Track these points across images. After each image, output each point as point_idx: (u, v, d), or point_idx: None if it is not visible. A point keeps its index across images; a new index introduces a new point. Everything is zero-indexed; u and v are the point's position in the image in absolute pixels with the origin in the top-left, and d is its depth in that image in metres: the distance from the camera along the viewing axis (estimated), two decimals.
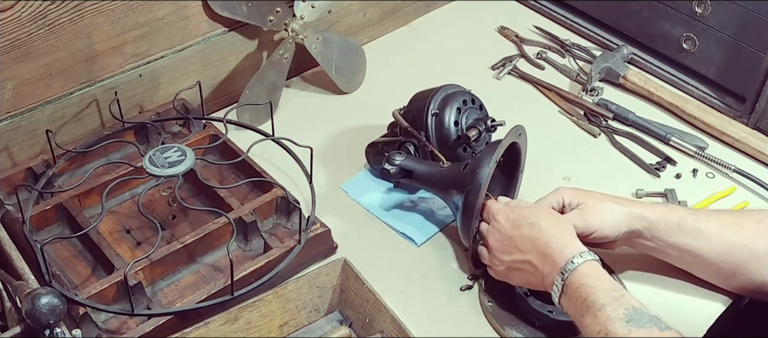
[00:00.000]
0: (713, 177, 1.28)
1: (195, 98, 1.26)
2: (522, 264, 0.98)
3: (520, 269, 0.99)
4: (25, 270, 0.98)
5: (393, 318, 0.96)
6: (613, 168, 1.29)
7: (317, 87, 1.45)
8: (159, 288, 1.05)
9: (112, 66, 1.22)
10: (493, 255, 1.02)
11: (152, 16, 1.22)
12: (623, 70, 1.44)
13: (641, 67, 1.48)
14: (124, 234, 1.12)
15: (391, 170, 1.14)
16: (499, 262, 1.01)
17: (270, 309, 0.99)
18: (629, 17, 1.51)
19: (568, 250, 0.93)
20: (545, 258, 0.95)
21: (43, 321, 0.86)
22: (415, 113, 1.20)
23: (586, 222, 1.01)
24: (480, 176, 1.03)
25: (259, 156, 1.22)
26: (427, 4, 1.63)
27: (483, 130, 1.18)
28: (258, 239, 1.10)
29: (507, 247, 1.00)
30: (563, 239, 0.96)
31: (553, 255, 0.94)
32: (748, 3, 1.32)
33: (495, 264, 1.02)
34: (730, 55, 1.38)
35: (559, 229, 0.97)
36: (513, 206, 1.03)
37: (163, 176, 1.04)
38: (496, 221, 1.01)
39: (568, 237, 0.96)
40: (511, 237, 0.99)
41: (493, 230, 1.02)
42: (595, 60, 1.46)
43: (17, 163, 1.18)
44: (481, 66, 1.51)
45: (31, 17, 1.09)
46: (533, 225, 0.98)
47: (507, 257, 1.00)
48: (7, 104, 1.13)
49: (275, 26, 1.31)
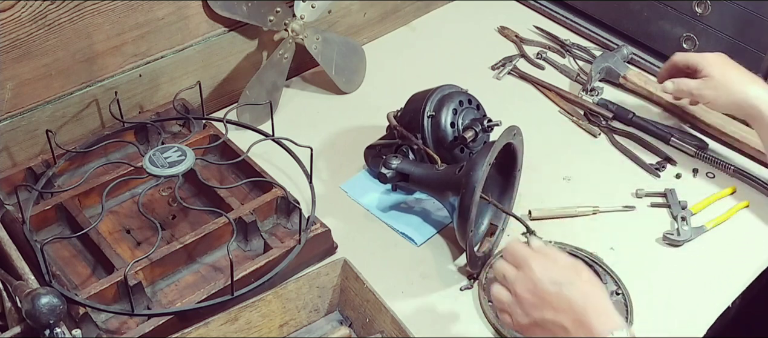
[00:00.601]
0: (713, 177, 1.28)
1: (195, 98, 1.27)
2: (552, 325, 0.88)
3: (549, 329, 0.89)
4: (25, 270, 0.98)
5: (393, 318, 0.96)
6: (613, 168, 1.29)
7: (317, 87, 1.45)
8: (159, 288, 1.05)
9: (112, 66, 1.22)
10: (519, 306, 0.91)
11: (152, 16, 1.22)
12: (623, 70, 1.44)
13: (641, 67, 1.48)
14: (124, 234, 1.12)
15: (387, 174, 1.14)
16: (525, 315, 0.90)
17: (270, 309, 1.00)
18: (629, 17, 1.51)
19: (608, 322, 0.86)
20: (581, 325, 0.86)
21: (43, 321, 0.86)
22: (412, 114, 1.20)
23: (701, 94, 1.22)
24: (474, 179, 1.03)
25: (259, 156, 1.22)
26: (427, 4, 1.64)
27: (480, 131, 1.18)
28: (258, 239, 1.10)
29: (538, 303, 0.89)
30: (601, 307, 0.87)
31: (590, 323, 0.85)
32: (748, 3, 1.33)
33: (518, 315, 0.91)
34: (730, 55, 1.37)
35: (598, 297, 0.89)
36: (551, 258, 0.92)
37: (163, 176, 1.04)
38: (530, 270, 0.90)
39: (605, 306, 0.88)
40: (547, 293, 0.88)
41: (524, 280, 0.91)
42: (595, 60, 1.46)
43: (17, 163, 1.18)
44: (481, 66, 1.51)
45: (31, 17, 1.09)
46: (573, 285, 0.88)
47: (536, 313, 0.89)
48: (7, 104, 1.13)
49: (275, 26, 1.31)
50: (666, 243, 1.16)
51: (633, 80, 1.43)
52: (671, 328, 1.04)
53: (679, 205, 1.21)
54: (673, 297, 1.08)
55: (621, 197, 1.23)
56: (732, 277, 1.12)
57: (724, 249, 1.15)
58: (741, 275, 1.12)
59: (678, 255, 1.15)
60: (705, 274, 1.12)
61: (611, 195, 1.23)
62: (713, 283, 1.11)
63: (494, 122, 1.20)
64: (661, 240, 1.16)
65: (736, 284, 1.11)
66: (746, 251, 1.15)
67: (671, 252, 1.15)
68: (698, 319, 1.06)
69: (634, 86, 1.43)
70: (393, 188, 1.20)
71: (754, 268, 1.14)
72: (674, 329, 1.04)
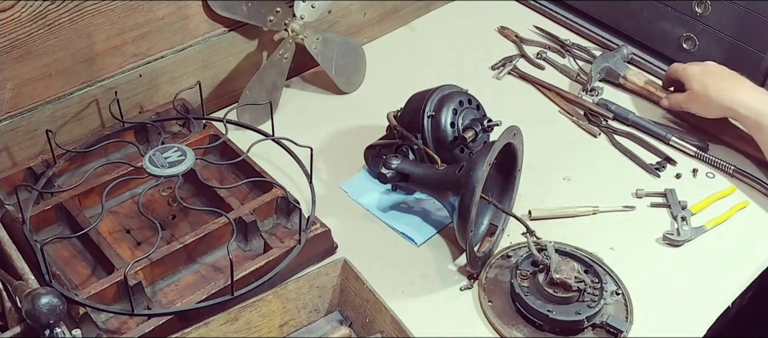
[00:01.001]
0: (713, 177, 1.28)
1: (195, 98, 1.27)
2: None
3: None
4: (25, 270, 0.98)
5: (393, 318, 0.96)
6: (613, 168, 1.29)
7: (317, 87, 1.45)
8: (159, 288, 1.05)
9: (112, 66, 1.22)
10: None
11: (152, 16, 1.22)
12: (623, 70, 1.44)
13: (641, 67, 1.48)
14: (124, 234, 1.12)
15: (387, 174, 1.14)
16: None
17: (270, 309, 1.00)
18: (629, 17, 1.51)
19: None
20: None
21: (43, 321, 0.86)
22: (412, 114, 1.20)
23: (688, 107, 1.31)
24: (474, 179, 1.03)
25: (259, 156, 1.22)
26: (427, 4, 1.64)
27: (479, 131, 1.18)
28: (258, 239, 1.10)
29: None
30: None
31: None
32: (748, 3, 1.33)
33: None
34: (730, 55, 1.38)
35: None
36: None
37: (163, 176, 1.04)
38: None
39: None
40: None
41: None
42: (595, 60, 1.46)
43: (17, 163, 1.18)
44: (481, 66, 1.51)
45: (31, 17, 1.09)
46: None
47: None
48: (7, 104, 1.13)
49: (275, 26, 1.31)
50: (666, 243, 1.16)
51: (633, 80, 1.43)
52: (671, 328, 1.04)
53: (679, 205, 1.20)
54: (673, 297, 1.08)
55: (621, 197, 1.23)
56: (732, 277, 1.12)
57: (724, 249, 1.15)
58: (741, 275, 1.12)
59: (678, 255, 1.15)
60: (705, 274, 1.12)
61: (611, 195, 1.23)
62: (713, 283, 1.11)
63: (494, 122, 1.20)
64: (661, 240, 1.16)
65: (736, 284, 1.11)
66: (746, 252, 1.15)
67: (671, 252, 1.15)
68: (698, 319, 1.06)
69: (634, 86, 1.43)
70: (393, 188, 1.20)
71: (754, 268, 1.14)
72: (674, 329, 1.04)
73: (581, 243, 1.14)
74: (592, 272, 1.06)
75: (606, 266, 1.10)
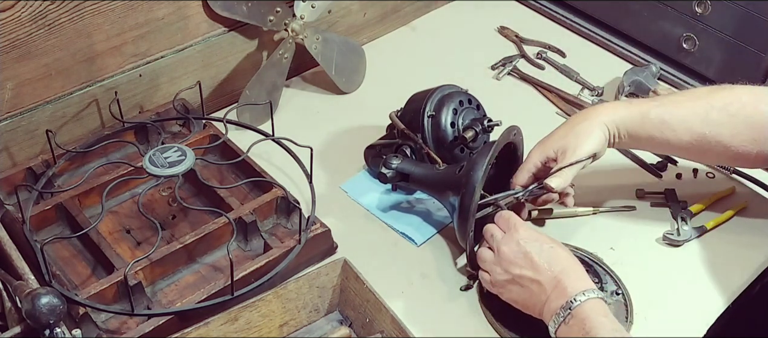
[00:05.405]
0: (713, 177, 1.28)
1: (195, 98, 1.27)
2: (529, 282, 0.96)
3: (525, 286, 0.96)
4: (25, 270, 0.98)
5: (393, 318, 0.96)
6: (613, 168, 1.29)
7: (317, 87, 1.45)
8: (159, 288, 1.05)
9: (112, 66, 1.22)
10: (499, 263, 0.99)
11: (152, 16, 1.22)
12: (653, 84, 1.41)
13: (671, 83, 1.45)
14: (124, 234, 1.12)
15: (387, 174, 1.14)
16: (504, 272, 0.98)
17: (270, 309, 1.00)
18: (629, 17, 1.51)
19: (581, 284, 0.94)
20: (557, 284, 0.94)
21: (43, 321, 0.86)
22: (412, 114, 1.20)
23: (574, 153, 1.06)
24: (474, 179, 1.03)
25: (259, 156, 1.22)
26: (427, 4, 1.64)
27: (480, 131, 1.18)
28: (258, 239, 1.10)
29: (520, 260, 0.97)
30: (578, 273, 0.95)
31: (565, 283, 0.93)
32: (748, 3, 1.32)
33: (497, 273, 0.99)
34: (730, 55, 1.38)
35: (575, 263, 0.97)
36: (537, 230, 1.04)
37: (163, 176, 1.04)
38: (517, 233, 0.99)
39: (581, 273, 0.96)
40: (528, 253, 0.97)
41: (510, 240, 0.99)
42: (626, 73, 1.43)
43: (17, 163, 1.18)
44: (481, 66, 1.51)
45: (31, 17, 1.09)
46: (553, 250, 0.97)
47: (516, 270, 0.97)
48: (7, 104, 1.13)
49: (275, 26, 1.31)
50: (666, 243, 1.16)
51: None
52: (671, 328, 1.04)
53: (679, 205, 1.21)
54: (673, 297, 1.08)
55: (621, 197, 1.23)
56: (732, 277, 1.12)
57: (724, 249, 1.15)
58: (741, 275, 1.12)
59: (678, 255, 1.15)
60: (705, 274, 1.12)
61: (611, 195, 1.23)
62: (713, 283, 1.11)
63: (494, 122, 1.20)
64: (661, 240, 1.16)
65: (736, 284, 1.11)
66: (746, 252, 1.15)
67: (671, 252, 1.15)
68: (698, 319, 1.06)
69: None
70: (393, 188, 1.20)
71: (753, 268, 1.14)
72: (674, 329, 1.04)
73: (581, 243, 1.14)
74: (592, 272, 1.06)
75: (606, 266, 1.10)
